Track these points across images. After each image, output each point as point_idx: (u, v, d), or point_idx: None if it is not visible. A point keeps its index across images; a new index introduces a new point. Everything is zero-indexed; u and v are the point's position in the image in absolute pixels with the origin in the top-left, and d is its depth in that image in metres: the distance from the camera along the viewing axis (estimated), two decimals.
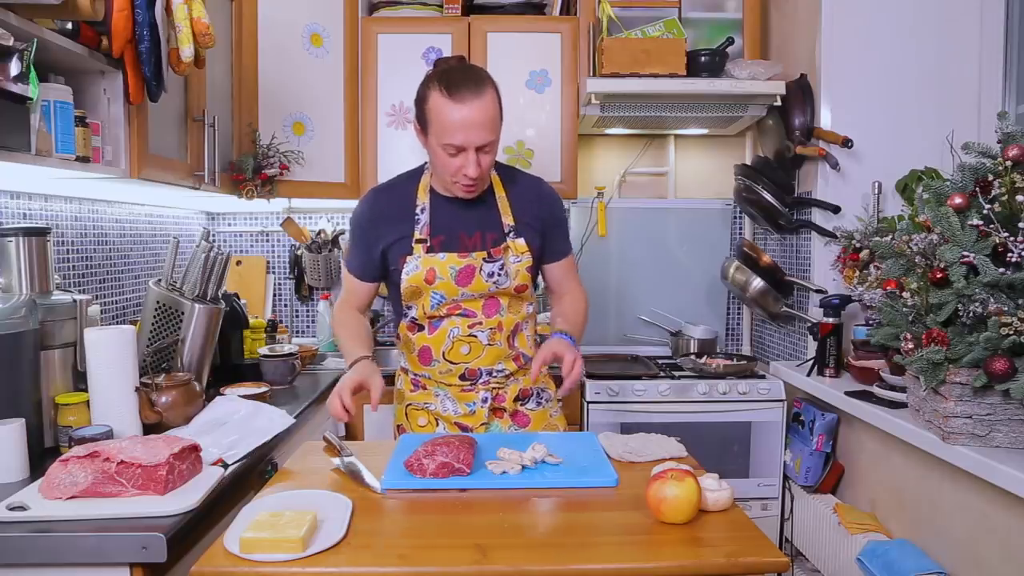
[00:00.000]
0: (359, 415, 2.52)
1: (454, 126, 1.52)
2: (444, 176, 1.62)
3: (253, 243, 3.11)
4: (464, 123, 1.51)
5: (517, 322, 1.73)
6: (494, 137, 1.56)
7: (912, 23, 2.38)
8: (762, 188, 2.57)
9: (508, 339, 1.72)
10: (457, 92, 1.51)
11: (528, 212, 1.72)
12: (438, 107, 1.53)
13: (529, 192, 1.74)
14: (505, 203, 1.70)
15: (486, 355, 1.70)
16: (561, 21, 2.74)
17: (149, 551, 1.13)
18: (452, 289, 1.65)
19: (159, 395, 1.64)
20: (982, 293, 1.50)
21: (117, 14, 1.50)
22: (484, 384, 1.72)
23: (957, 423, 1.55)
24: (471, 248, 1.66)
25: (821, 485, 2.29)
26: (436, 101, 1.53)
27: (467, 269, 1.64)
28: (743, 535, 1.11)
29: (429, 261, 1.64)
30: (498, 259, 1.66)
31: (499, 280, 1.66)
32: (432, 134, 1.57)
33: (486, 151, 1.56)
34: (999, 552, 1.53)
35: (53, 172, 1.56)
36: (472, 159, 1.54)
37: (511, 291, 1.69)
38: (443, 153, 1.56)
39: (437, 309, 1.67)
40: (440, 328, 1.69)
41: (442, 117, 1.53)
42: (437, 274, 1.64)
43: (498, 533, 1.11)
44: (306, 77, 2.64)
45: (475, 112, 1.51)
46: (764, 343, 2.99)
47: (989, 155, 1.57)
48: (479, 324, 1.68)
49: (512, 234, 1.69)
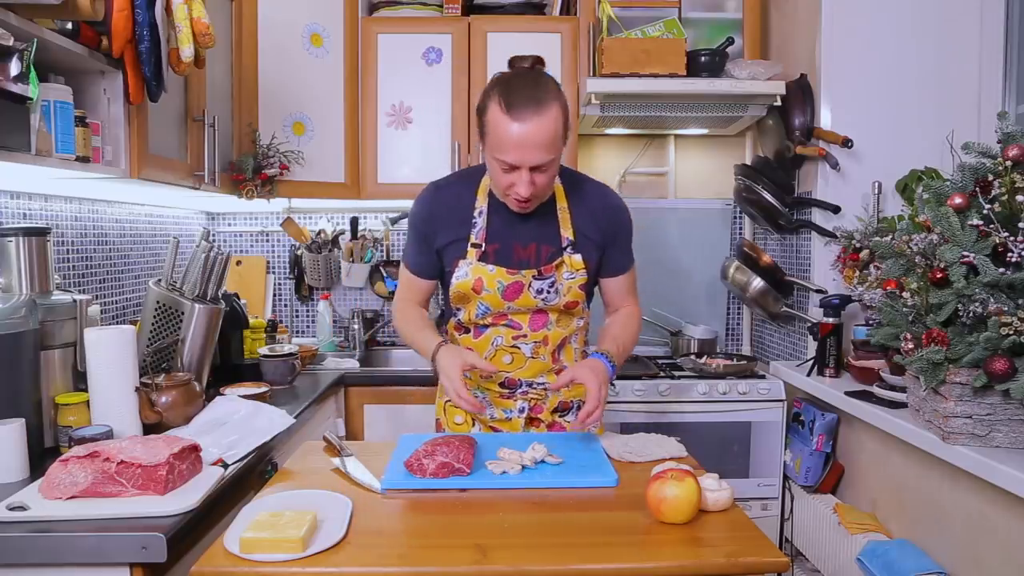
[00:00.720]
0: (359, 415, 2.52)
1: (508, 143, 1.43)
2: (497, 189, 1.56)
3: (253, 243, 3.11)
4: (519, 141, 1.42)
5: (564, 336, 1.67)
6: (551, 157, 1.46)
7: (912, 23, 2.38)
8: (762, 188, 2.57)
9: (553, 353, 1.66)
10: (515, 108, 1.42)
11: (590, 226, 1.63)
12: (495, 120, 1.44)
13: (593, 203, 1.65)
14: (566, 215, 1.62)
15: (528, 367, 1.65)
16: (561, 21, 2.74)
17: (149, 551, 1.13)
18: (498, 303, 1.60)
19: (159, 395, 1.64)
20: (982, 293, 1.49)
21: (117, 14, 1.50)
22: (523, 394, 1.68)
23: (957, 423, 1.55)
24: (523, 259, 1.60)
25: (821, 485, 2.29)
26: (494, 113, 1.45)
27: (515, 286, 1.59)
28: (743, 535, 1.11)
29: (479, 270, 1.58)
30: (548, 277, 1.59)
31: (548, 297, 1.60)
32: (488, 146, 1.49)
33: (542, 171, 1.47)
34: (999, 552, 1.53)
35: (53, 172, 1.56)
36: (525, 178, 1.46)
37: (560, 308, 1.63)
38: (497, 167, 1.49)
39: (483, 318, 1.63)
40: (484, 335, 1.65)
41: (498, 131, 1.44)
42: (484, 285, 1.58)
43: (498, 533, 1.11)
44: (306, 77, 2.64)
45: (532, 131, 1.42)
46: (764, 343, 2.99)
47: (989, 155, 1.57)
48: (524, 337, 1.63)
49: (570, 249, 1.61)
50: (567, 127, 1.50)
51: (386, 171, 2.75)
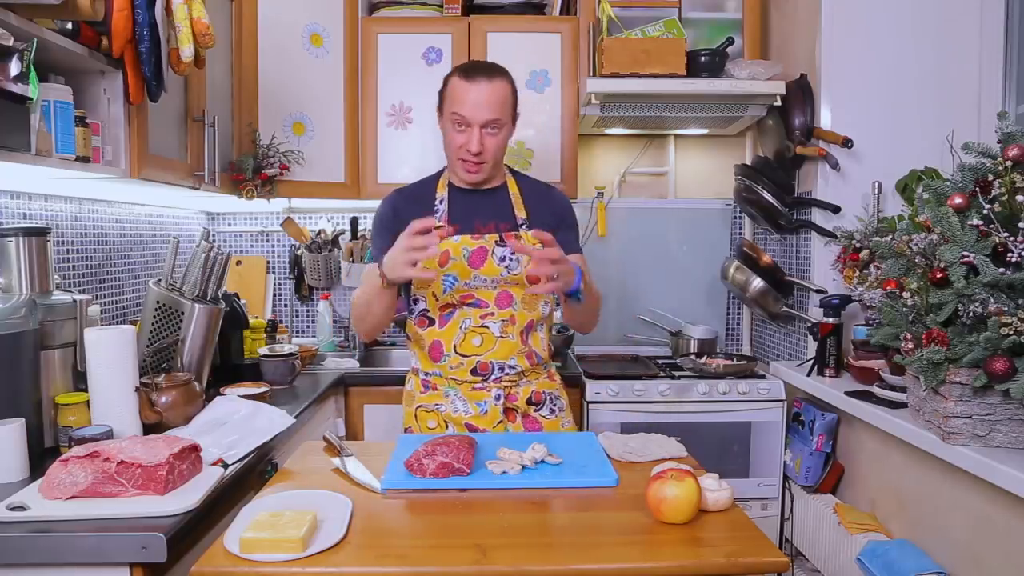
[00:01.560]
0: (359, 415, 2.52)
1: (462, 98, 1.64)
2: (450, 155, 1.71)
3: (253, 243, 3.11)
4: (473, 99, 1.63)
5: (531, 319, 1.74)
6: (500, 117, 1.66)
7: (912, 23, 2.38)
8: (762, 188, 2.57)
9: (521, 334, 1.73)
10: (471, 73, 1.66)
11: (540, 209, 1.78)
12: (452, 85, 1.67)
13: (541, 193, 1.82)
14: (519, 199, 1.78)
15: (498, 348, 1.70)
16: (561, 21, 2.74)
17: (149, 551, 1.13)
18: (465, 270, 1.68)
19: (159, 395, 1.64)
20: (982, 293, 1.49)
21: (117, 14, 1.50)
22: (496, 381, 1.72)
23: (957, 423, 1.55)
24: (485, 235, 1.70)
25: (821, 485, 2.29)
26: (452, 81, 1.68)
27: (479, 251, 1.68)
28: (743, 535, 1.11)
29: (444, 244, 1.66)
30: (509, 244, 1.69)
31: (511, 265, 1.69)
32: (444, 111, 1.69)
33: (492, 131, 1.66)
34: (999, 552, 1.53)
35: (53, 172, 1.56)
36: (476, 135, 1.64)
37: (523, 280, 1.70)
38: (451, 128, 1.67)
39: (450, 294, 1.69)
40: (451, 320, 1.70)
41: (454, 93, 1.66)
42: (451, 255, 1.67)
43: (498, 533, 1.11)
44: (306, 77, 2.64)
45: (484, 90, 1.63)
46: (764, 343, 2.99)
47: (989, 155, 1.57)
48: (491, 315, 1.70)
49: (524, 226, 1.74)
50: (515, 107, 1.73)
51: (386, 171, 2.75)
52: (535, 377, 1.78)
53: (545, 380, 1.81)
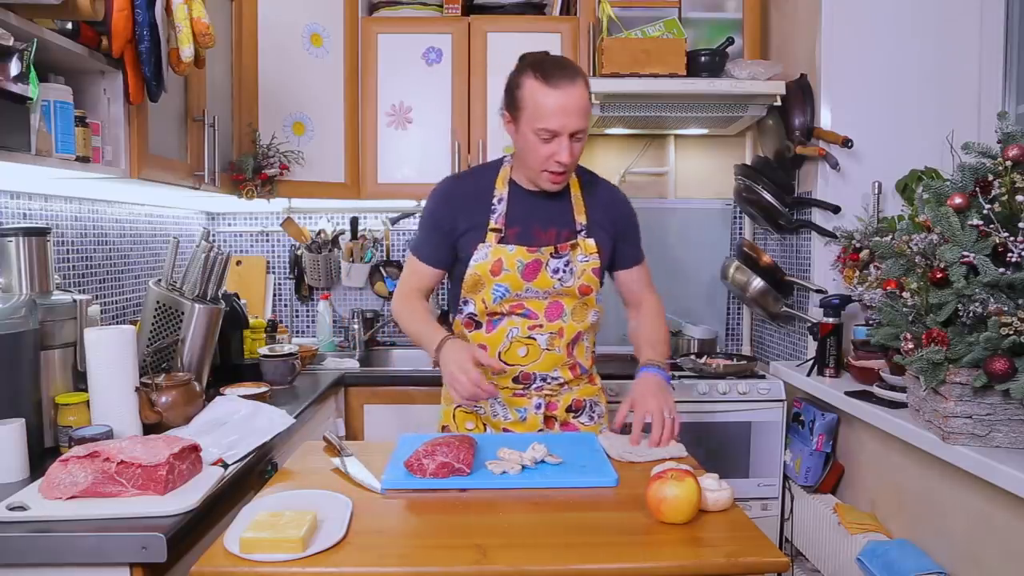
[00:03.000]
0: (359, 415, 2.52)
1: (550, 111, 1.53)
2: (533, 165, 1.61)
3: (253, 243, 3.11)
4: (560, 108, 1.53)
5: (579, 330, 1.70)
6: (586, 125, 1.58)
7: (912, 23, 2.38)
8: (762, 188, 2.57)
9: (568, 346, 1.69)
10: (553, 79, 1.54)
11: (601, 214, 1.72)
12: (533, 92, 1.55)
13: (604, 195, 1.75)
14: (580, 202, 1.71)
15: (543, 360, 1.67)
16: (561, 21, 2.74)
17: (149, 551, 1.13)
18: (517, 283, 1.63)
19: (159, 395, 1.64)
20: (982, 293, 1.49)
21: (117, 14, 1.50)
22: (537, 390, 1.69)
23: (957, 423, 1.55)
24: (543, 242, 1.66)
25: (821, 485, 2.29)
26: (531, 86, 1.55)
27: (534, 264, 1.64)
28: (743, 535, 1.11)
29: (499, 251, 1.63)
30: (564, 255, 1.66)
31: (564, 277, 1.65)
32: (525, 120, 1.57)
33: (578, 138, 1.58)
34: (999, 552, 1.53)
35: (53, 172, 1.56)
36: (565, 145, 1.55)
37: (575, 292, 1.67)
38: (535, 139, 1.56)
39: (499, 304, 1.65)
40: (499, 328, 1.67)
41: (537, 101, 1.54)
42: (504, 265, 1.63)
43: (498, 533, 1.11)
44: (306, 77, 2.64)
45: (570, 98, 1.53)
46: (764, 343, 2.99)
47: (989, 155, 1.57)
48: (539, 327, 1.66)
49: (583, 232, 1.69)
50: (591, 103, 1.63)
51: (386, 171, 2.75)
52: (576, 384, 1.74)
53: (586, 386, 1.77)
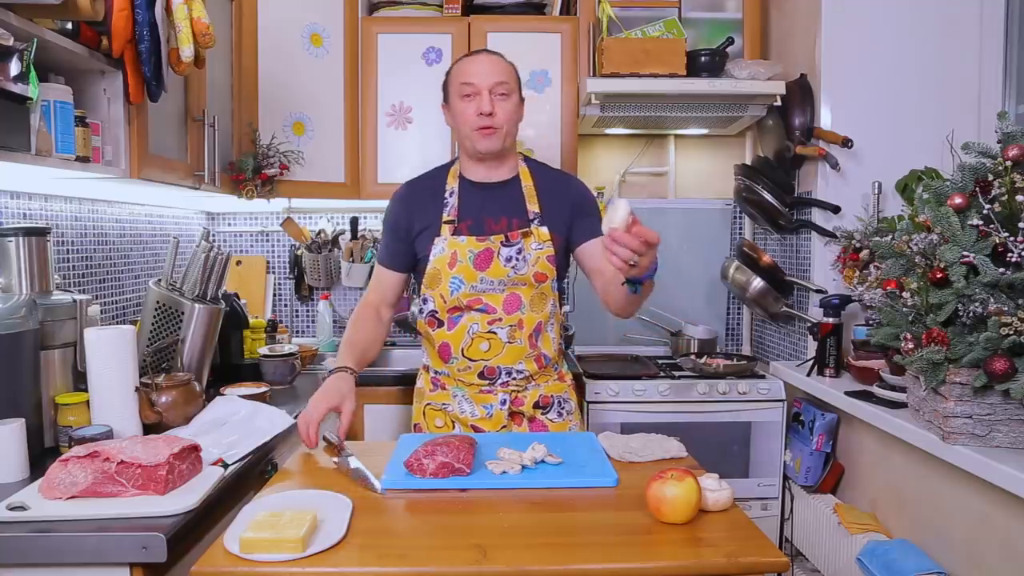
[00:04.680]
0: (359, 415, 2.52)
1: (468, 70, 1.66)
2: (464, 129, 1.68)
3: (253, 243, 3.11)
4: (478, 68, 1.66)
5: (539, 321, 1.71)
6: (508, 81, 1.67)
7: (912, 23, 2.38)
8: (762, 188, 2.57)
9: (529, 338, 1.71)
10: (472, 53, 1.73)
11: (555, 202, 1.74)
12: (456, 66, 1.71)
13: (557, 184, 1.78)
14: (532, 192, 1.74)
15: (506, 353, 1.69)
16: (561, 21, 2.74)
17: (149, 551, 1.13)
18: (471, 273, 1.66)
19: (159, 395, 1.64)
20: (982, 293, 1.49)
21: (117, 14, 1.50)
22: (503, 385, 1.71)
23: (957, 423, 1.55)
24: (495, 232, 1.69)
25: (821, 485, 2.29)
26: (456, 64, 1.72)
27: (485, 253, 1.66)
28: (743, 535, 1.11)
29: (453, 244, 1.67)
30: (516, 243, 1.67)
31: (518, 265, 1.67)
32: (452, 94, 1.69)
33: (501, 96, 1.65)
34: (999, 552, 1.53)
35: (53, 172, 1.56)
36: (486, 97, 1.63)
37: (531, 279, 1.68)
38: (461, 104, 1.66)
39: (456, 298, 1.67)
40: (459, 324, 1.69)
41: (459, 71, 1.69)
42: (458, 257, 1.66)
43: (498, 533, 1.11)
44: (306, 77, 2.64)
45: (487, 60, 1.68)
46: (764, 343, 2.99)
47: (989, 155, 1.57)
48: (499, 320, 1.68)
49: (537, 221, 1.71)
50: (520, 85, 1.73)
51: (386, 171, 2.75)
52: (544, 380, 1.76)
53: (555, 383, 1.79)
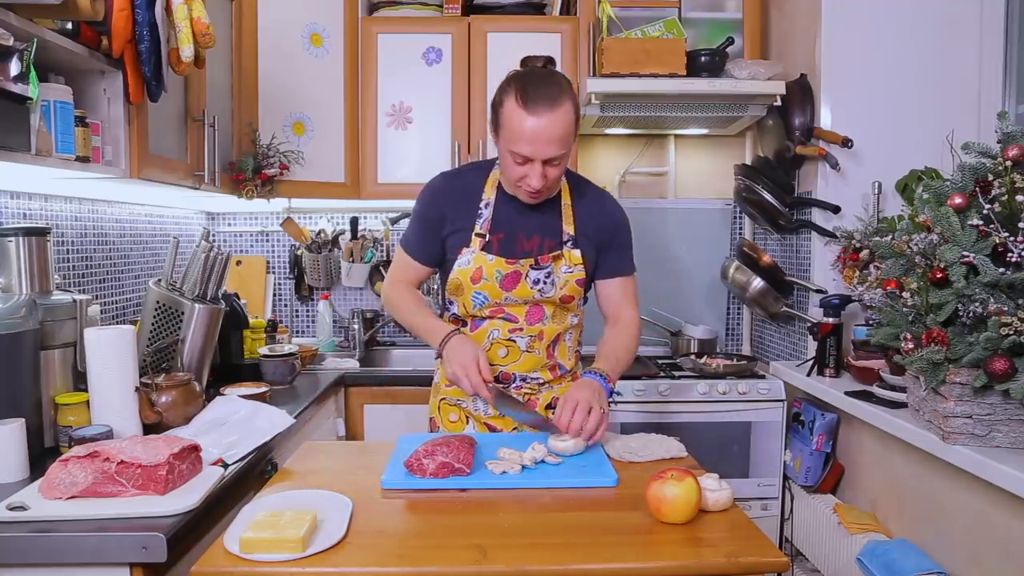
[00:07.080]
0: (359, 415, 2.52)
1: (524, 136, 1.48)
2: (508, 183, 1.60)
3: (253, 243, 3.11)
4: (534, 135, 1.47)
5: (559, 332, 1.69)
6: (563, 151, 1.51)
7: (912, 23, 2.38)
8: (762, 188, 2.57)
9: (548, 348, 1.69)
10: (532, 103, 1.47)
11: (590, 224, 1.68)
12: (511, 114, 1.49)
13: (594, 205, 1.70)
14: (569, 212, 1.67)
15: (523, 361, 1.68)
16: (561, 21, 2.74)
17: (149, 551, 1.13)
18: (496, 292, 1.63)
19: (159, 395, 1.64)
20: (982, 293, 1.49)
21: (117, 14, 1.50)
22: (516, 389, 1.70)
23: (957, 423, 1.55)
24: (526, 251, 1.64)
25: (821, 485, 2.29)
26: (510, 107, 1.49)
27: (512, 275, 1.63)
28: (743, 535, 1.11)
29: (480, 259, 1.62)
30: (545, 267, 1.63)
31: (544, 288, 1.64)
32: (502, 140, 1.54)
33: (554, 164, 1.52)
34: (999, 552, 1.53)
35: (53, 172, 1.56)
36: (537, 171, 1.51)
37: (556, 301, 1.66)
38: (510, 159, 1.53)
39: (479, 310, 1.66)
40: (480, 328, 1.68)
41: (513, 125, 1.49)
42: (484, 274, 1.62)
43: (498, 533, 1.11)
44: (306, 77, 2.64)
45: (546, 125, 1.47)
46: (764, 343, 2.99)
47: (989, 155, 1.57)
48: (520, 330, 1.66)
49: (570, 243, 1.66)
50: (578, 124, 1.56)
51: (386, 171, 2.75)
52: (557, 384, 1.74)
53: (568, 384, 1.76)
